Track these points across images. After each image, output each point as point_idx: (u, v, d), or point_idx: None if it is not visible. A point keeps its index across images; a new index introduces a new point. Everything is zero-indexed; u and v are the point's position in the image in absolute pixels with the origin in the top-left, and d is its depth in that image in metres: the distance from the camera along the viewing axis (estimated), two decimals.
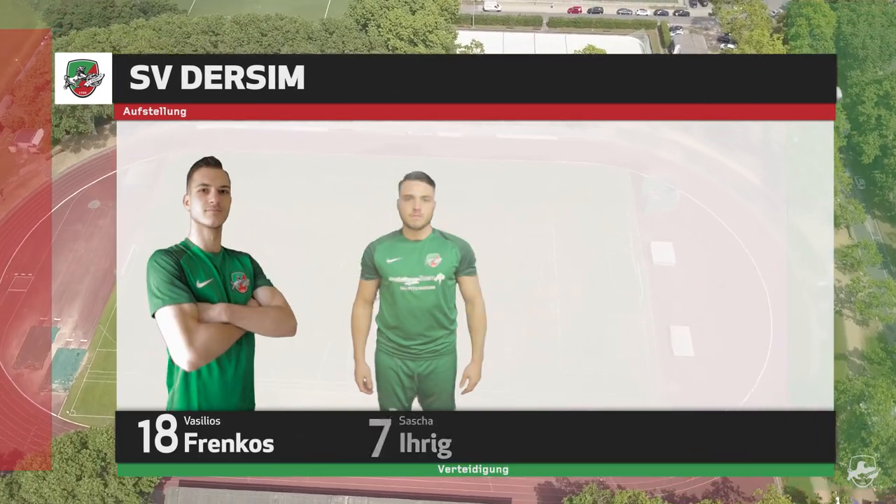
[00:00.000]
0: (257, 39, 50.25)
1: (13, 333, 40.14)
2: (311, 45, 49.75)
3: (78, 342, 39.83)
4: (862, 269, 40.55)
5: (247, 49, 49.92)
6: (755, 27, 51.56)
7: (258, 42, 50.20)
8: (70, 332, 40.11)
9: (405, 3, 52.47)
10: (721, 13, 55.96)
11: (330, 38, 50.22)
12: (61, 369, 38.78)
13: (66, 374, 38.63)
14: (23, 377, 38.58)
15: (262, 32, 50.50)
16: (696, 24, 61.01)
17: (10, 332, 40.14)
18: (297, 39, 50.07)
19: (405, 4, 52.39)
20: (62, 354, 39.36)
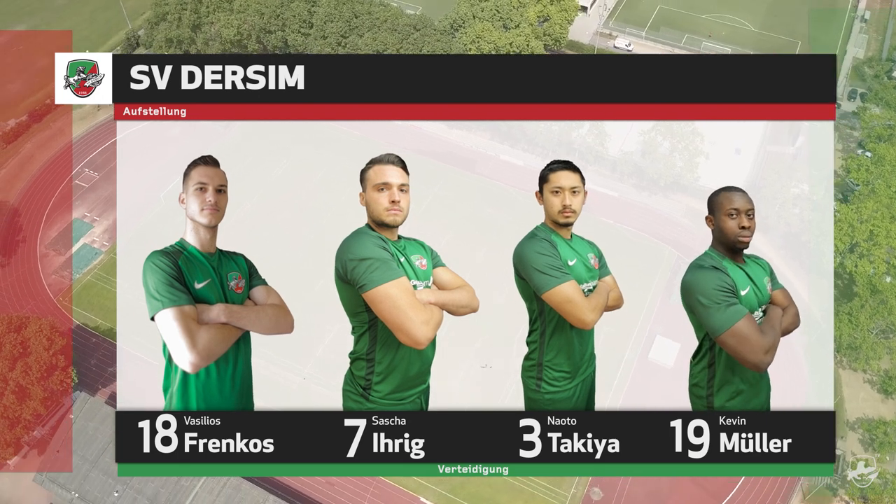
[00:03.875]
0: (347, 19, 50.42)
1: (60, 219, 47.24)
2: (391, 36, 49.35)
3: (101, 244, 46.00)
4: None
5: (332, 28, 50.54)
6: None
7: (347, 22, 50.47)
8: (100, 232, 46.32)
9: (500, 18, 51.36)
10: (865, 117, 47.70)
11: (411, 35, 49.72)
12: (78, 262, 44.78)
13: (78, 267, 44.47)
14: (47, 257, 45.33)
15: (355, 14, 50.50)
16: (840, 120, 51.99)
17: (58, 218, 47.30)
18: (381, 29, 49.60)
19: (499, 19, 51.27)
20: (84, 249, 45.69)
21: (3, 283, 44.44)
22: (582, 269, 6.14)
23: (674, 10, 61.79)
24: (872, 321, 39.04)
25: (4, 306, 42.59)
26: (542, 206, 6.23)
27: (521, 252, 6.05)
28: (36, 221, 47.39)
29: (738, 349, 5.68)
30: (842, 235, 40.98)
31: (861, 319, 38.76)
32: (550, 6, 54.46)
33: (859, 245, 40.99)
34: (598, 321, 6.03)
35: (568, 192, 6.03)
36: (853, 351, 39.01)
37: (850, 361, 39.49)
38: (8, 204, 48.46)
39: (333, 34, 51.11)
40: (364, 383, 5.74)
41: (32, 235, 46.76)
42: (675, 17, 61.11)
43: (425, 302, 5.51)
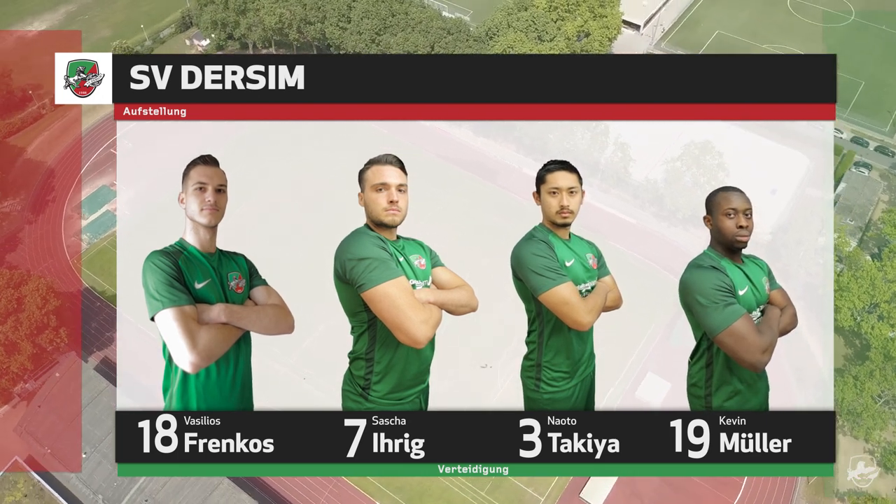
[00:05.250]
0: (383, 17, 50.58)
1: (90, 185, 49.40)
2: (422, 38, 49.34)
3: (123, 212, 47.14)
4: None
5: (367, 24, 50.63)
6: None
7: (382, 20, 50.61)
8: (125, 201, 47.52)
9: (535, 29, 50.43)
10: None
11: (444, 39, 49.57)
12: (97, 227, 46.87)
13: (96, 231, 46.65)
14: (71, 220, 47.49)
15: (392, 13, 50.53)
16: (892, 169, 49.22)
17: (88, 183, 49.51)
18: (414, 30, 49.59)
19: (534, 30, 50.35)
20: (106, 216, 47.47)
21: (29, 238, 46.76)
22: (580, 269, 6.13)
23: (733, 36, 59.73)
24: (880, 388, 36.43)
25: (24, 261, 45.00)
26: (540, 207, 6.22)
27: (518, 253, 6.05)
28: (67, 184, 49.52)
29: (735, 349, 5.68)
30: (860, 293, 38.22)
31: (868, 386, 36.19)
32: (592, 21, 52.73)
33: (879, 306, 38.40)
34: (595, 322, 6.03)
35: (565, 193, 5.99)
36: (854, 416, 36.54)
37: (851, 428, 36.94)
38: (45, 165, 50.67)
39: (368, 31, 51.35)
40: (363, 383, 5.74)
41: (62, 197, 48.88)
42: (732, 44, 58.67)
43: (424, 301, 5.52)
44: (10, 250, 45.94)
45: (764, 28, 60.41)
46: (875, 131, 51.83)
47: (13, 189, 48.94)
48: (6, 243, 46.22)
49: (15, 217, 47.74)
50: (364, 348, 5.70)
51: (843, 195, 47.13)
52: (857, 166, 49.31)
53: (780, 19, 61.38)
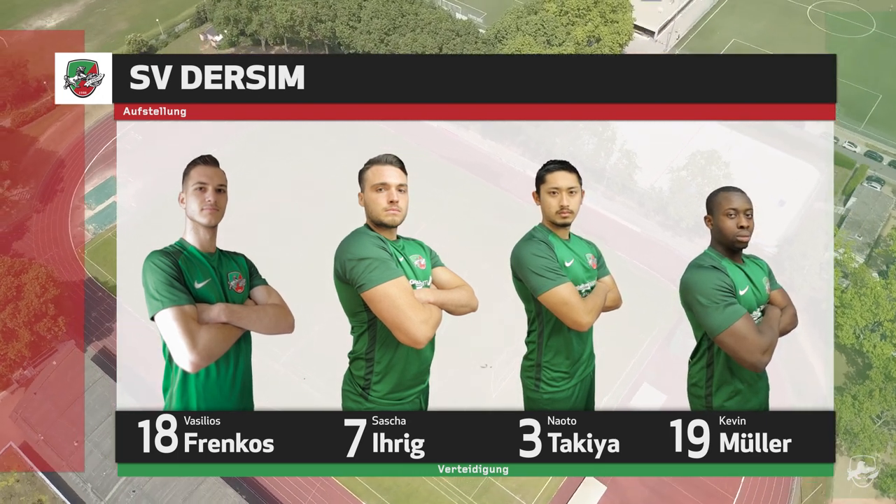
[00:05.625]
0: (393, 17, 50.59)
1: (99, 177, 50.34)
2: (431, 39, 49.28)
3: (129, 204, 47.48)
4: None
5: (376, 24, 50.68)
6: None
7: (392, 20, 50.62)
8: (131, 194, 47.90)
9: (544, 33, 49.87)
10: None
11: (452, 40, 49.31)
12: (103, 218, 47.80)
13: (101, 222, 47.55)
14: (78, 210, 48.43)
15: (402, 13, 50.59)
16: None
17: (96, 174, 50.47)
18: (423, 31, 49.48)
19: (543, 34, 49.79)
20: (112, 207, 48.23)
21: (36, 227, 47.74)
22: (580, 269, 6.13)
23: (748, 45, 59.14)
24: (879, 408, 35.58)
25: (30, 249, 46.03)
26: (540, 206, 6.22)
27: (517, 254, 6.05)
28: (76, 175, 50.59)
29: (735, 349, 5.68)
30: (864, 311, 37.31)
31: (867, 405, 35.42)
32: (603, 27, 52.03)
33: (883, 324, 37.53)
34: (594, 322, 6.03)
35: (565, 193, 5.97)
36: (851, 437, 35.64)
37: (848, 448, 35.91)
38: (56, 155, 51.61)
39: (377, 31, 51.42)
40: (363, 383, 5.74)
41: (70, 187, 49.90)
42: (748, 52, 58.45)
43: (424, 301, 5.52)
44: (17, 238, 46.86)
45: (781, 37, 59.62)
46: (890, 146, 50.32)
47: (24, 177, 49.72)
48: (14, 231, 47.12)
49: (24, 205, 48.48)
50: (364, 348, 5.70)
51: (853, 210, 46.21)
52: (869, 181, 47.86)
53: (797, 29, 60.57)
